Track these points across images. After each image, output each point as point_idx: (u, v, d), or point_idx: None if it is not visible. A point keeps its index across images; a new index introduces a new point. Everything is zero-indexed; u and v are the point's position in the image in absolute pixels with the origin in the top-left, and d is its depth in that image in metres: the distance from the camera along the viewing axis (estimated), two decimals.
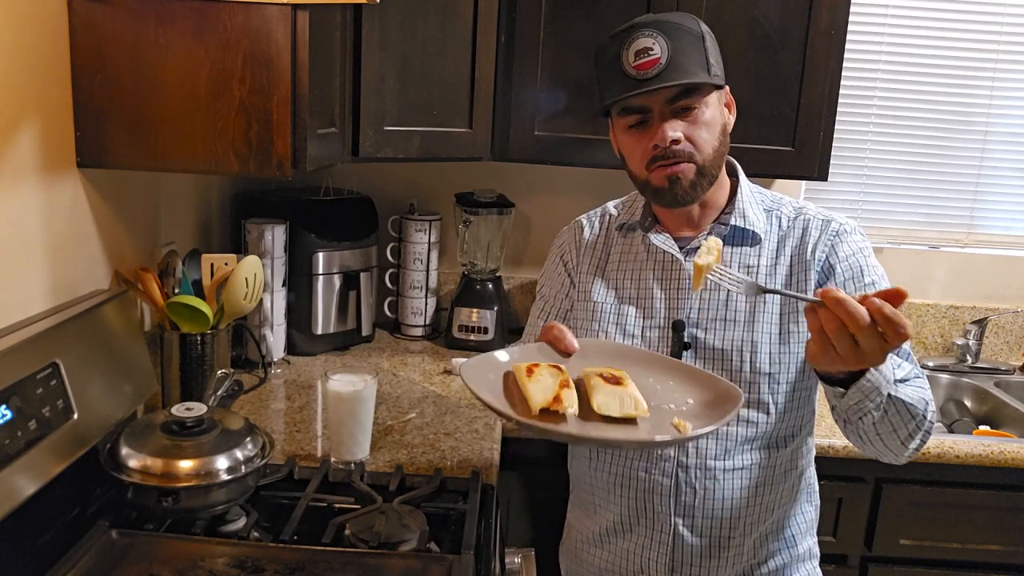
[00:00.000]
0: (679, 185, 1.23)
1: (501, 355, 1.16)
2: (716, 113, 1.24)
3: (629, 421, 1.00)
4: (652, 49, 1.17)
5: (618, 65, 1.19)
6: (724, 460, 1.26)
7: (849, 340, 0.91)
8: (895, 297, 0.89)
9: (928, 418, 1.14)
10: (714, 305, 1.27)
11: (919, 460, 1.77)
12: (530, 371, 1.05)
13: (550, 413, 0.98)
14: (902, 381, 1.12)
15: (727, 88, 1.28)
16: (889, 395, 1.07)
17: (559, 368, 1.07)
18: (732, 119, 1.29)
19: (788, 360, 1.25)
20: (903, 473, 1.81)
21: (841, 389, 1.05)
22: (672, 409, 1.04)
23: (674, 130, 1.20)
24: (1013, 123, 2.38)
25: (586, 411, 1.01)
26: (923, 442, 1.17)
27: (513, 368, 1.09)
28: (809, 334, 0.96)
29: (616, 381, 1.04)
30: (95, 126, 1.33)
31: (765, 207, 1.31)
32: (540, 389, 1.00)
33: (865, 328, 0.89)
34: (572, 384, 1.04)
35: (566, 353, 1.14)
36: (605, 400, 1.00)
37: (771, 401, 1.25)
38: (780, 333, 1.24)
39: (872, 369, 1.02)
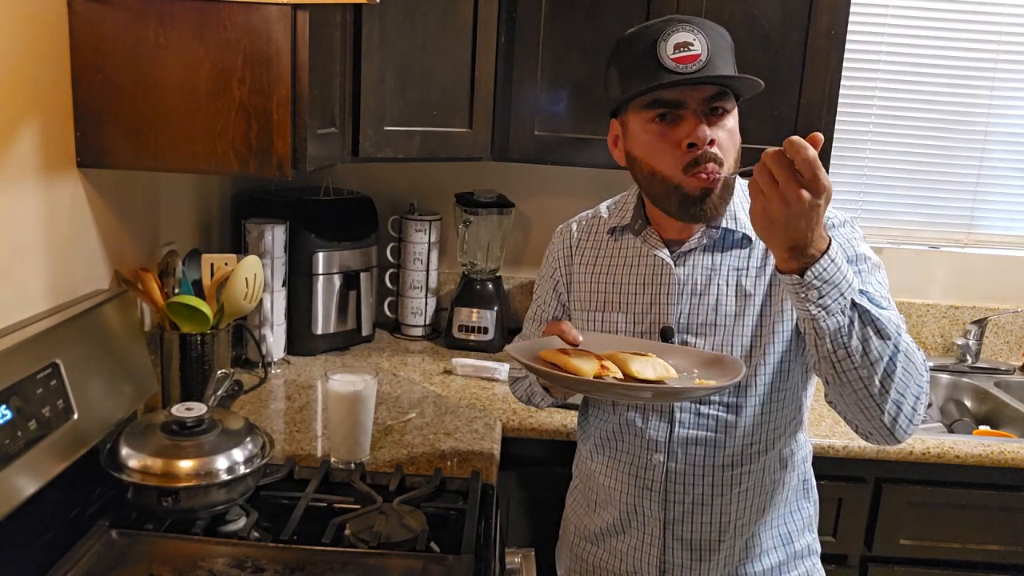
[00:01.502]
0: (709, 200, 1.18)
1: (524, 345, 1.24)
2: (736, 126, 1.21)
3: (661, 383, 1.12)
4: (693, 44, 1.13)
5: (652, 56, 1.14)
6: (712, 465, 1.26)
7: (768, 175, 0.97)
8: (810, 139, 0.96)
9: (900, 347, 1.05)
10: (703, 310, 1.26)
11: (919, 460, 1.78)
12: (565, 352, 1.14)
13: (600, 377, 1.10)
14: (865, 294, 1.06)
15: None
16: (853, 301, 1.03)
17: (586, 351, 1.17)
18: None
19: (773, 360, 1.24)
20: (903, 473, 1.81)
21: (798, 276, 1.01)
22: (687, 377, 1.16)
23: (711, 130, 1.16)
24: (1013, 123, 2.38)
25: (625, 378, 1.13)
26: (914, 400, 1.08)
27: (543, 354, 1.17)
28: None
29: (641, 355, 1.15)
30: (95, 126, 1.33)
31: None
32: (584, 362, 1.11)
33: (776, 156, 0.96)
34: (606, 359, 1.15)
35: (573, 344, 1.19)
36: (641, 367, 1.12)
37: (757, 402, 1.25)
38: (763, 335, 1.24)
39: (825, 257, 1.00)
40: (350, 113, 1.71)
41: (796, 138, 0.94)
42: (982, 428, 2.12)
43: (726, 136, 1.17)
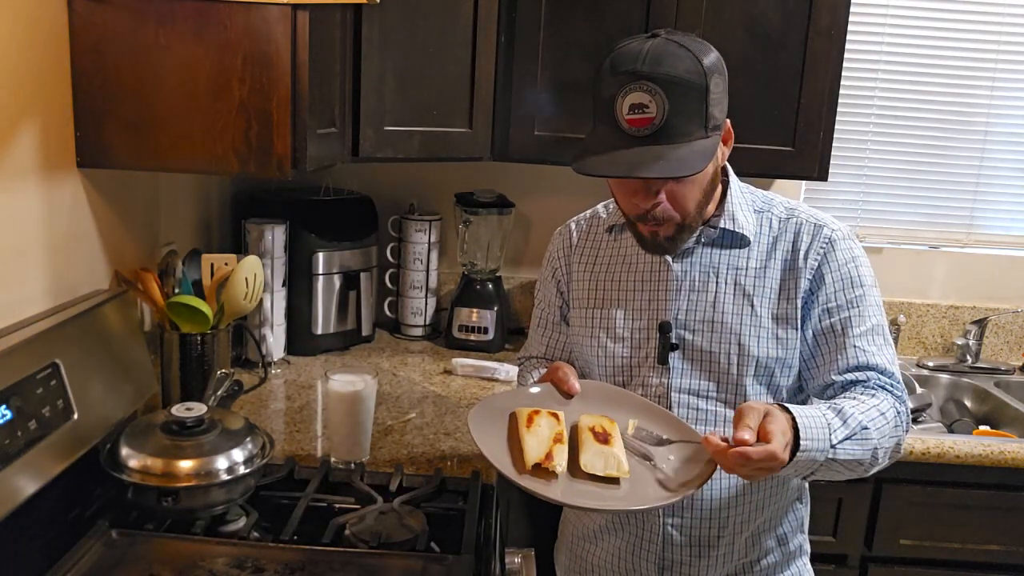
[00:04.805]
0: (657, 241, 1.23)
1: (508, 395, 1.26)
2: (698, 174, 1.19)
3: (612, 478, 1.12)
4: (647, 107, 1.11)
5: (611, 110, 1.14)
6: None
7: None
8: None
9: (878, 455, 1.14)
10: (701, 307, 1.26)
11: (919, 460, 1.78)
12: (530, 420, 1.15)
13: (542, 468, 1.10)
14: (847, 438, 1.11)
15: (727, 122, 1.20)
16: (828, 458, 1.09)
17: (556, 417, 1.17)
18: (728, 151, 1.24)
19: (775, 364, 1.24)
20: (903, 473, 1.81)
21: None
22: (651, 465, 1.15)
23: (657, 190, 1.18)
24: (1013, 123, 2.38)
25: (574, 465, 1.12)
26: (892, 458, 1.19)
27: (516, 412, 1.19)
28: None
29: (604, 439, 1.14)
30: (95, 126, 1.33)
31: (756, 208, 1.30)
32: (536, 443, 1.11)
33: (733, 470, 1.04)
34: (565, 438, 1.14)
35: (568, 395, 1.23)
36: (591, 459, 1.12)
37: (758, 401, 1.25)
38: (769, 338, 1.24)
39: (797, 454, 1.05)
40: (350, 113, 1.71)
41: (720, 458, 1.03)
42: (982, 428, 2.12)
43: (684, 187, 1.18)
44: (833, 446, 1.08)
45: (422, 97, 1.84)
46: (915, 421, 2.11)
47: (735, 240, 1.27)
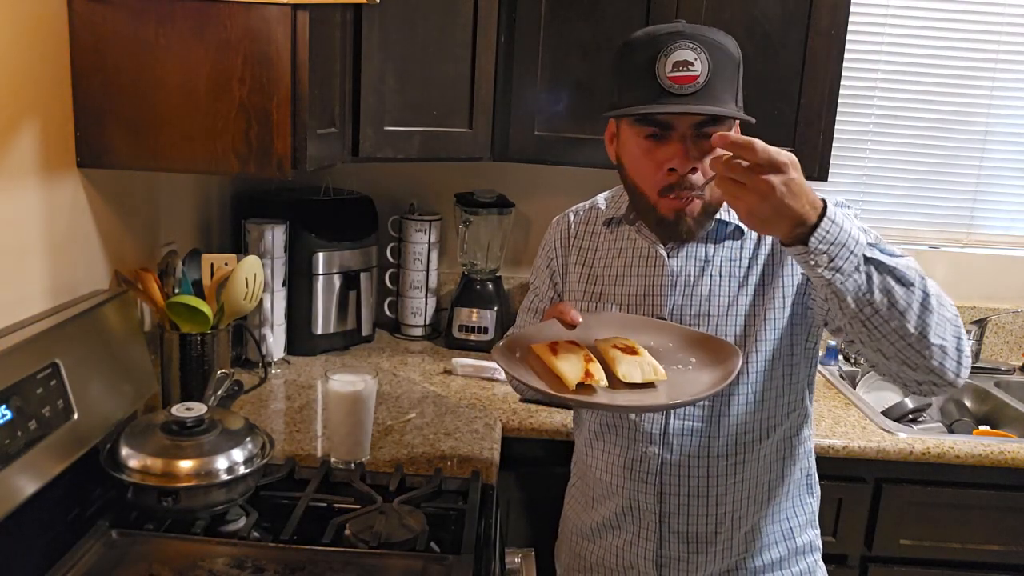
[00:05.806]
0: (684, 223, 1.19)
1: (522, 335, 1.24)
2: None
3: (649, 385, 1.11)
4: (693, 65, 1.10)
5: (650, 71, 1.12)
6: (707, 456, 1.26)
7: (730, 182, 0.97)
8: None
9: (929, 290, 1.02)
10: (696, 300, 1.26)
11: (919, 460, 1.78)
12: (554, 350, 1.14)
13: (582, 386, 1.09)
14: (882, 251, 1.02)
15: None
16: (866, 256, 0.99)
17: (576, 344, 1.16)
18: None
19: (766, 348, 1.24)
20: (903, 473, 1.81)
21: (803, 246, 0.98)
22: (680, 369, 1.15)
23: (697, 155, 1.15)
24: (1013, 123, 2.38)
25: (611, 380, 1.11)
26: (956, 340, 1.05)
27: (535, 348, 1.18)
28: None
29: (631, 351, 1.14)
30: (95, 126, 1.33)
31: None
32: (570, 366, 1.10)
33: (725, 163, 0.95)
34: (594, 358, 1.13)
35: (571, 325, 1.18)
36: (628, 369, 1.11)
37: (751, 391, 1.25)
38: (754, 324, 1.24)
39: (824, 220, 0.97)
40: (350, 113, 1.71)
41: (722, 136, 0.94)
42: (982, 428, 2.12)
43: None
44: (871, 244, 1.00)
45: (422, 97, 1.84)
46: (915, 421, 2.11)
47: (729, 232, 1.27)
